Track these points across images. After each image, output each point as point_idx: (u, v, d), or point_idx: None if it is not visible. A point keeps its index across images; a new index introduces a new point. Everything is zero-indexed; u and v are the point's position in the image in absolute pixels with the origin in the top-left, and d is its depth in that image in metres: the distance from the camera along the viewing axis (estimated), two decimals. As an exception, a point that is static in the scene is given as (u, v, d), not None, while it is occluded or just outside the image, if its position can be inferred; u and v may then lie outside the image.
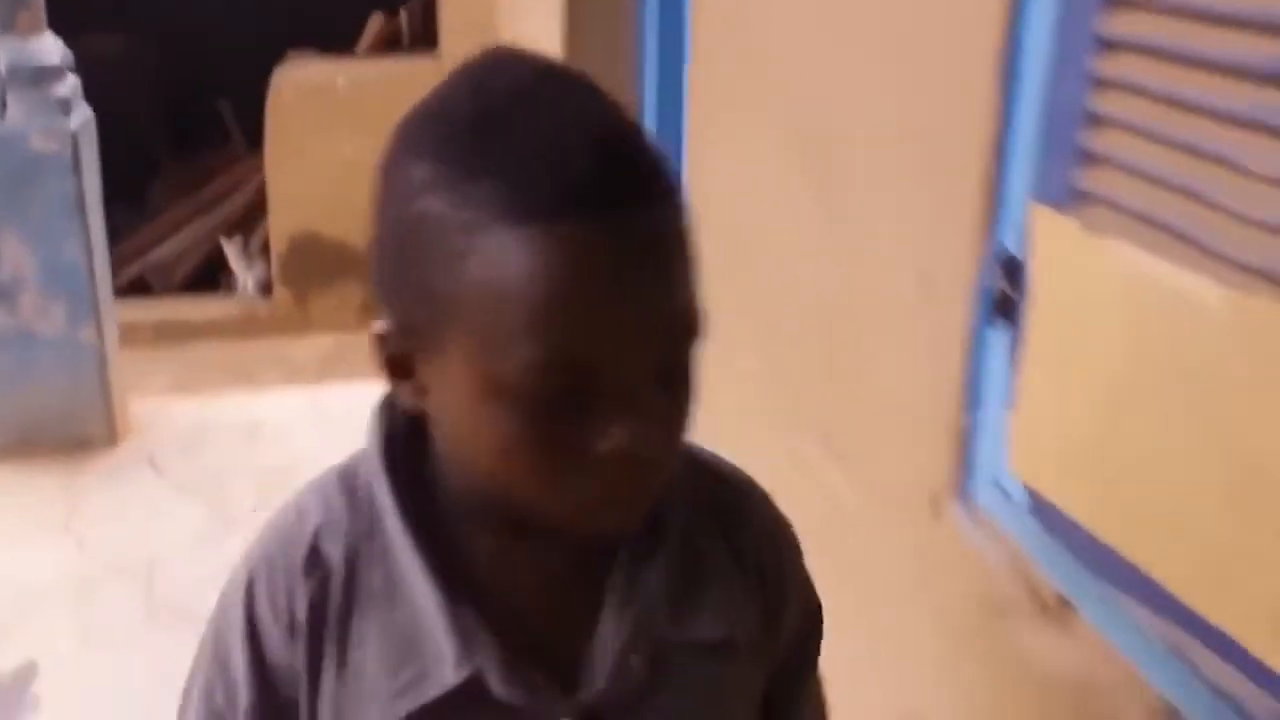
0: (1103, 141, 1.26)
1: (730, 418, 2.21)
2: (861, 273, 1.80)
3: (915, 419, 1.63)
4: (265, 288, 5.81)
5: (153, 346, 5.34)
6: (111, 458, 4.07)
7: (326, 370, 5.14)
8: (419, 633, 0.91)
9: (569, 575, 0.94)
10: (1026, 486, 1.40)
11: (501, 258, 0.77)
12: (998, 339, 1.46)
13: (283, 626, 0.92)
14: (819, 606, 1.07)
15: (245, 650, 0.93)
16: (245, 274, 5.69)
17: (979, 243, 1.46)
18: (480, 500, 0.89)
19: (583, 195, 0.76)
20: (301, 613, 0.92)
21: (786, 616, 1.03)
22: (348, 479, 0.95)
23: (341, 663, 0.92)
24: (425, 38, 5.54)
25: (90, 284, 3.95)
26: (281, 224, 5.60)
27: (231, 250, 5.69)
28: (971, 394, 1.51)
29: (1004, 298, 1.42)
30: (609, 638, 0.93)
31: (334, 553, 0.93)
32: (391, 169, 0.84)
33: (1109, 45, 1.25)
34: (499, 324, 0.78)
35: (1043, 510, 1.38)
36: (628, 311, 0.78)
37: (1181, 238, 1.14)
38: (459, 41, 5.26)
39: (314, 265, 5.69)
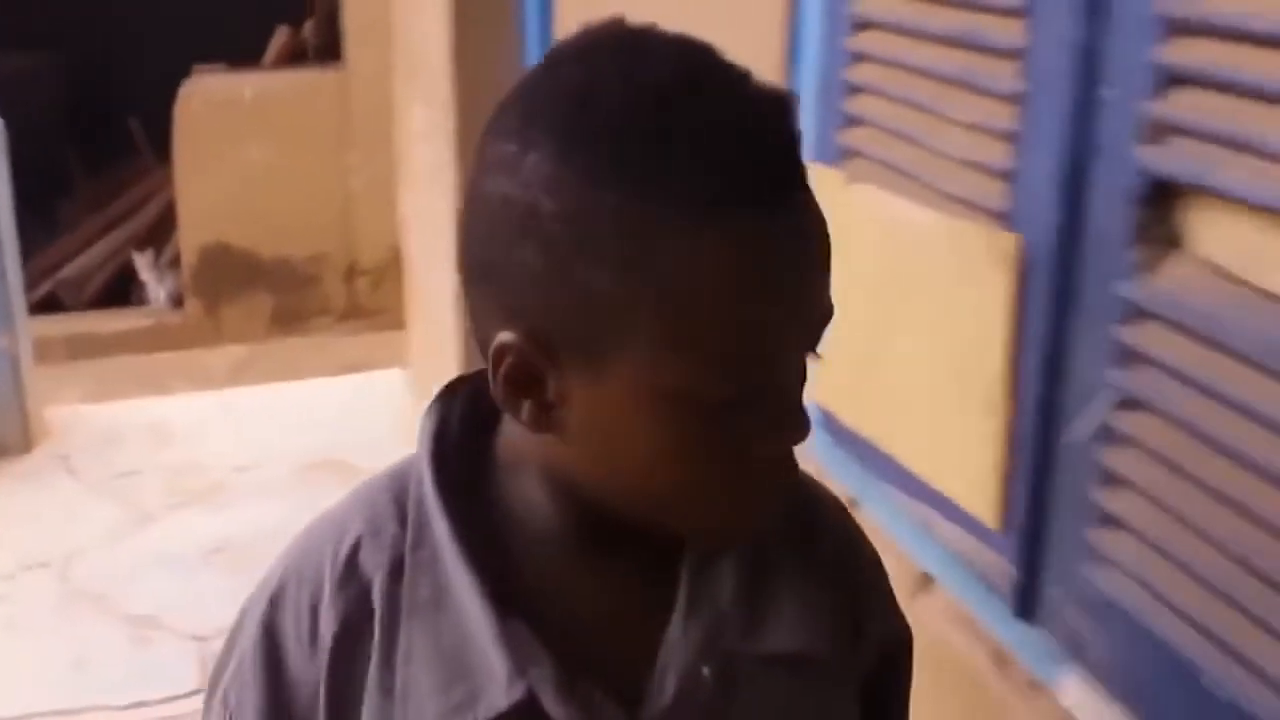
0: (857, 106, 1.51)
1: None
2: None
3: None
4: (176, 299, 5.93)
5: (67, 360, 5.46)
6: (27, 462, 4.20)
7: (237, 378, 5.27)
8: (469, 648, 0.85)
9: (631, 585, 0.88)
10: (818, 404, 1.64)
11: (693, 256, 0.72)
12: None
13: (304, 642, 0.88)
14: (907, 631, 1.01)
15: (259, 661, 0.89)
16: (156, 286, 5.82)
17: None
18: (594, 516, 0.84)
19: (772, 186, 0.73)
20: (329, 629, 0.87)
21: (869, 634, 0.96)
22: (397, 485, 0.90)
23: (387, 681, 0.87)
24: (330, 49, 5.72)
25: (3, 294, 4.08)
26: (191, 236, 5.73)
27: (142, 263, 5.81)
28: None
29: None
30: (676, 648, 0.87)
31: (375, 566, 0.88)
32: (528, 164, 0.75)
33: (861, 25, 1.49)
34: (691, 325, 0.74)
35: (830, 423, 1.62)
36: (811, 304, 0.76)
37: (911, 178, 1.38)
38: (362, 52, 5.45)
39: (224, 276, 5.82)
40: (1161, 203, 1.09)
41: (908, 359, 1.42)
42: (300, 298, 6.00)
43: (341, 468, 4.01)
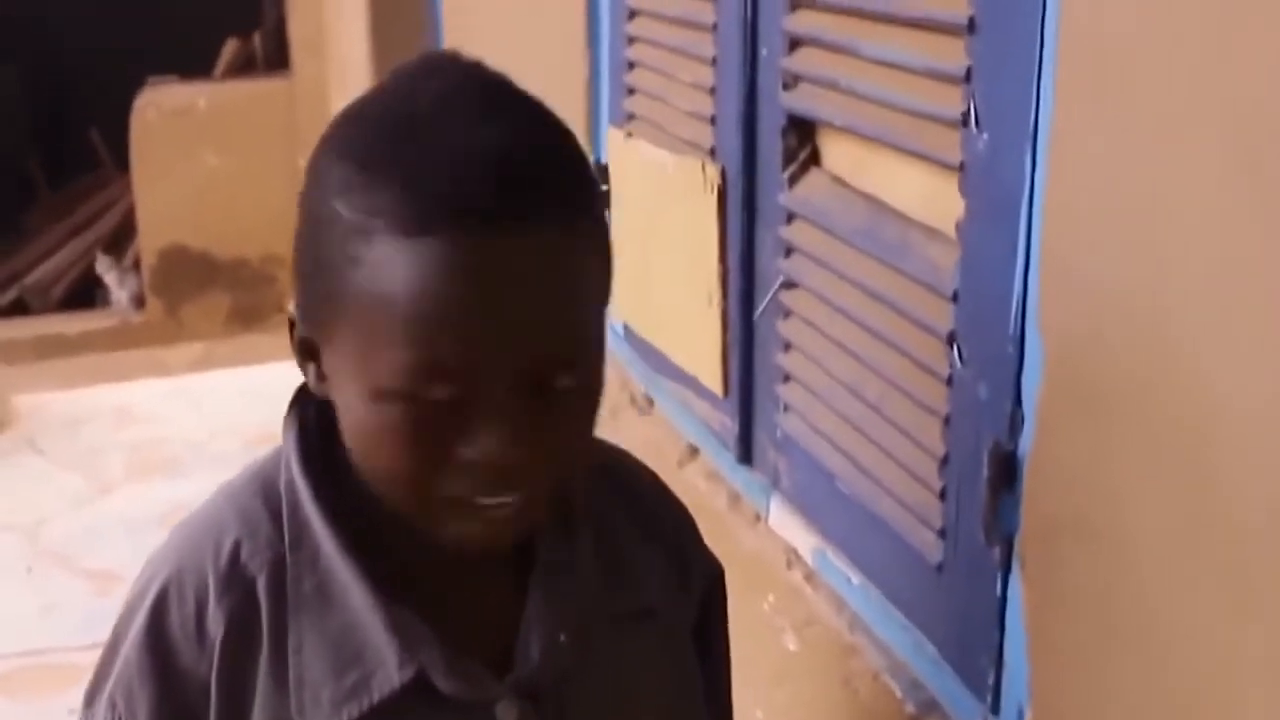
0: (633, 78, 1.90)
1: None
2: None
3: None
4: (138, 300, 6.22)
5: (34, 360, 5.81)
6: (-3, 444, 4.53)
7: (197, 371, 5.62)
8: (357, 636, 0.90)
9: (493, 564, 0.95)
10: (621, 319, 2.02)
11: (385, 266, 0.79)
12: (600, 223, 2.09)
13: (192, 641, 0.91)
14: (718, 565, 1.11)
15: (147, 663, 0.91)
16: (119, 289, 6.11)
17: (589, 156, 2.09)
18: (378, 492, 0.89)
19: (465, 211, 0.78)
20: (217, 628, 0.90)
21: (694, 579, 1.06)
22: (266, 484, 0.94)
23: (280, 675, 0.91)
24: (278, 59, 6.05)
25: (-31, 296, 4.42)
26: (151, 240, 6.01)
27: (105, 267, 6.12)
28: (591, 266, 2.14)
29: (603, 193, 2.04)
30: (537, 619, 0.94)
31: (257, 567, 0.91)
32: (314, 163, 0.85)
33: (632, 13, 1.88)
34: (378, 328, 0.80)
35: (631, 336, 2.00)
36: (495, 326, 0.80)
37: (660, 129, 1.77)
38: (308, 62, 5.80)
39: (183, 277, 6.11)
40: (802, 133, 1.48)
41: (666, 272, 1.81)
42: (256, 295, 6.29)
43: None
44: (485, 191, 0.79)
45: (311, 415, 0.93)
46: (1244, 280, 0.83)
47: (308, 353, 0.89)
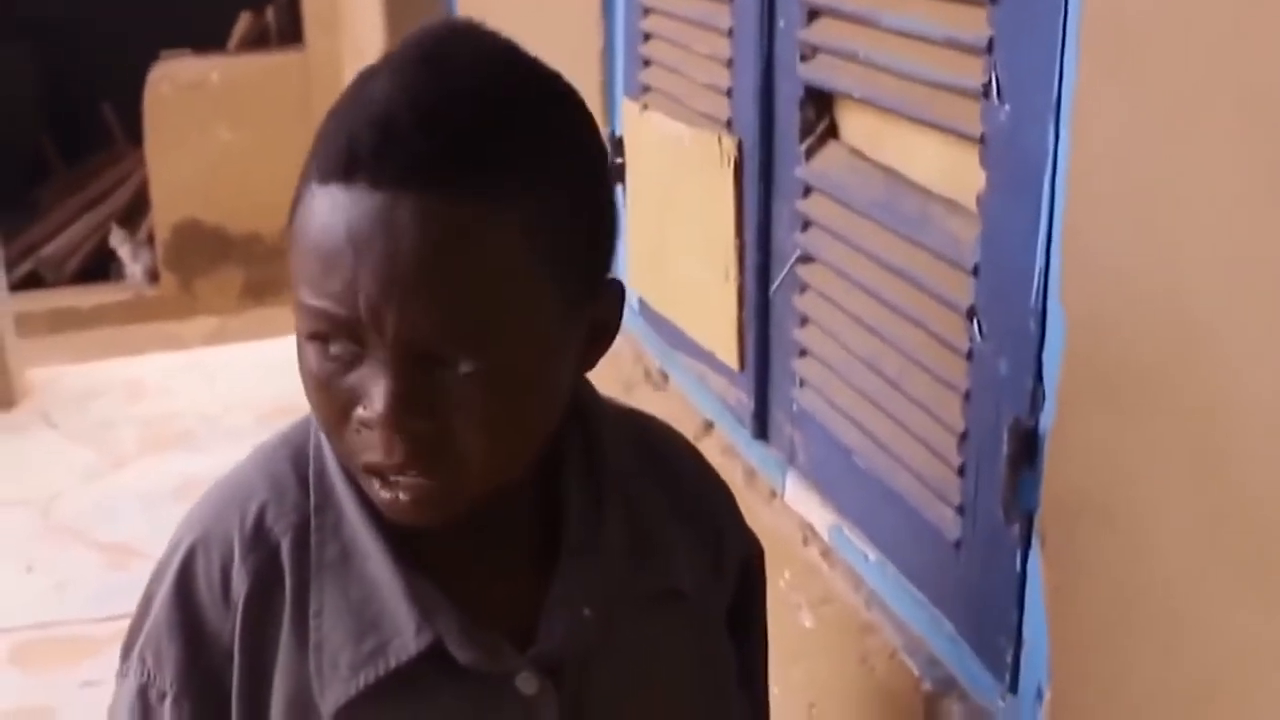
0: (648, 49, 1.88)
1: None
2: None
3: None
4: (152, 275, 6.23)
5: (49, 333, 5.82)
6: (9, 418, 4.54)
7: (210, 345, 5.63)
8: (377, 603, 0.91)
9: (519, 538, 0.96)
10: (635, 292, 2.01)
11: (302, 210, 0.82)
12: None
13: (218, 602, 0.92)
14: (758, 544, 1.11)
15: (175, 621, 0.93)
16: (133, 263, 6.13)
17: (602, 130, 2.07)
18: None
19: (357, 166, 0.79)
20: (240, 588, 0.92)
21: (730, 560, 1.06)
22: (295, 449, 0.96)
23: (301, 637, 0.92)
24: (291, 33, 6.04)
25: (-16, 269, 4.43)
26: (164, 214, 6.03)
27: (118, 241, 6.13)
28: (606, 240, 2.12)
29: (617, 166, 2.03)
30: (562, 595, 0.94)
31: (282, 530, 0.93)
32: None
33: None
34: (295, 267, 0.83)
35: (646, 310, 1.99)
36: (375, 281, 0.79)
37: (676, 101, 1.76)
38: (322, 36, 5.79)
39: (197, 251, 6.13)
40: (820, 105, 1.46)
41: (682, 246, 1.79)
42: (269, 270, 6.30)
43: (300, 413, 4.37)
44: (371, 148, 0.79)
45: None
46: (1265, 259, 0.81)
47: None
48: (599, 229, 0.89)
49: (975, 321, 1.15)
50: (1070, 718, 1.06)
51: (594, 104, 2.07)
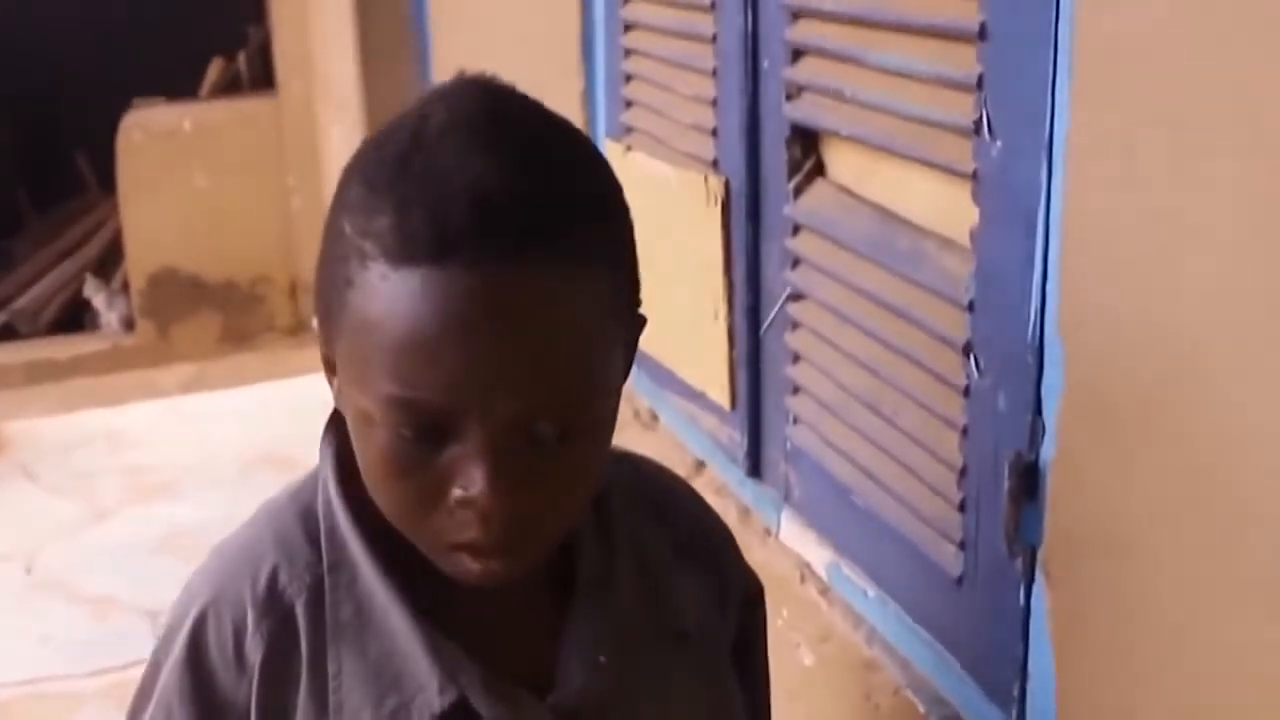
0: (630, 91, 1.88)
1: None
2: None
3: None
4: (128, 323, 6.20)
5: (25, 385, 5.78)
6: (-11, 472, 4.50)
7: (189, 393, 5.60)
8: (397, 662, 0.89)
9: (531, 583, 0.93)
10: (622, 336, 2.01)
11: (373, 293, 0.77)
12: (599, 238, 2.07)
13: (231, 668, 0.90)
14: (758, 582, 1.10)
15: (187, 688, 0.91)
16: (108, 311, 6.09)
17: (583, 172, 2.08)
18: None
19: (453, 245, 0.75)
20: (255, 654, 0.90)
21: (732, 599, 1.05)
22: (303, 506, 0.93)
23: (320, 699, 0.90)
24: (264, 79, 6.04)
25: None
26: (139, 262, 6.00)
27: (93, 290, 6.10)
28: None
29: (599, 208, 2.03)
30: (577, 640, 0.93)
31: (296, 591, 0.91)
32: (340, 181, 0.84)
33: (629, 26, 1.87)
34: (368, 355, 0.79)
35: (632, 351, 1.98)
36: (483, 366, 0.77)
37: (660, 142, 1.76)
38: (295, 81, 5.80)
39: (173, 298, 6.10)
40: (807, 143, 1.47)
41: (669, 287, 1.79)
42: (246, 316, 6.27)
43: (285, 461, 4.34)
44: (467, 226, 0.76)
45: (346, 434, 0.89)
46: (1263, 288, 0.82)
47: (330, 366, 0.88)
48: (637, 268, 0.90)
49: (972, 357, 1.16)
50: (1081, 752, 1.06)
51: (576, 145, 2.08)
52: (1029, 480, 1.09)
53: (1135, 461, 0.95)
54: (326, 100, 4.39)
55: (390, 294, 0.77)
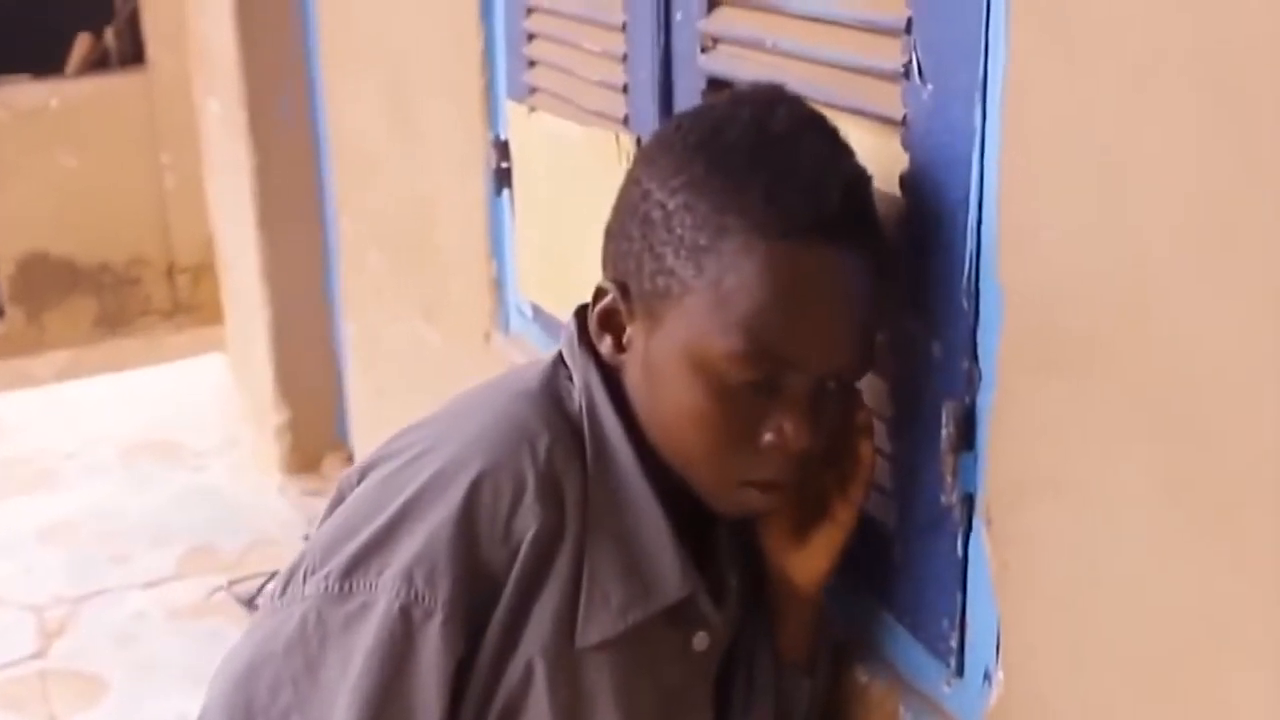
0: (533, 50, 1.84)
1: (368, 305, 2.75)
2: (430, 176, 2.36)
3: (469, 278, 2.19)
4: (-3, 310, 5.97)
5: (-108, 379, 5.54)
6: None
7: (64, 380, 5.42)
8: (644, 549, 1.01)
9: (684, 505, 1.06)
10: (530, 302, 1.97)
11: (740, 260, 0.93)
12: (503, 202, 2.02)
13: (498, 532, 0.96)
14: None
15: (456, 547, 0.95)
16: (-24, 299, 5.86)
17: (484, 134, 2.02)
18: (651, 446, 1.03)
19: (823, 225, 0.94)
20: (528, 526, 0.97)
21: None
22: (555, 403, 1.03)
23: (573, 576, 0.99)
24: (133, 54, 5.85)
25: None
26: (7, 246, 5.80)
27: (-41, 277, 5.86)
28: (495, 248, 2.07)
29: (502, 170, 1.98)
30: (727, 563, 1.11)
31: (572, 474, 1.00)
32: (654, 160, 1.01)
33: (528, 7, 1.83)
34: (726, 313, 0.94)
35: (540, 315, 1.94)
36: (824, 325, 0.96)
37: (567, 101, 1.72)
38: (164, 56, 5.61)
39: (45, 284, 5.90)
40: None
41: (577, 250, 1.75)
42: (123, 300, 6.10)
43: (166, 447, 4.22)
44: (837, 210, 0.94)
45: (600, 359, 1.05)
46: (1217, 225, 0.81)
47: (607, 323, 1.03)
48: None
49: (904, 305, 1.14)
50: (1025, 696, 1.05)
51: (475, 108, 2.03)
52: (967, 428, 1.07)
53: (1081, 404, 0.94)
54: (203, 73, 4.25)
55: (760, 262, 0.93)
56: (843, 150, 1.01)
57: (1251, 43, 0.76)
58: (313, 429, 3.62)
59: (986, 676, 1.10)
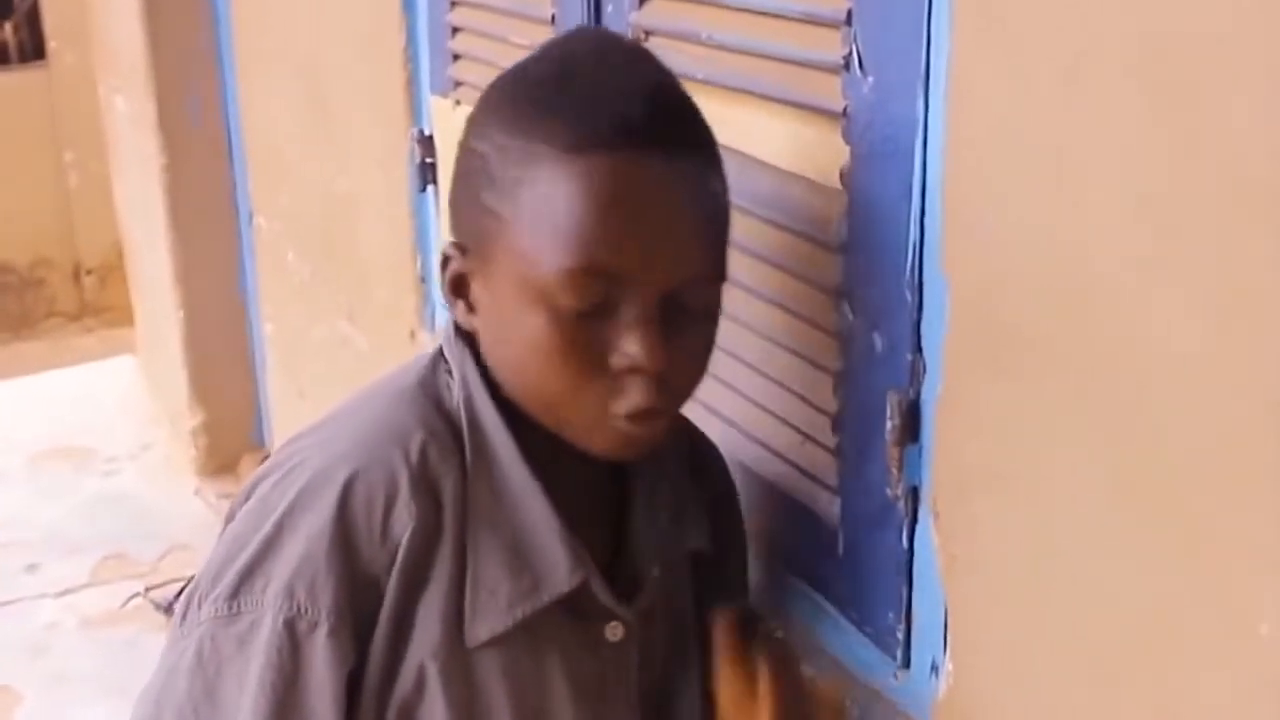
0: (457, 44, 1.81)
1: (287, 305, 2.69)
2: (350, 173, 2.32)
3: (394, 276, 2.15)
4: (-106, 313, 5.80)
5: None
6: None
7: (-22, 382, 5.27)
8: (531, 542, 0.98)
9: (596, 492, 1.06)
10: (457, 300, 1.94)
11: (552, 182, 0.91)
12: (428, 198, 1.99)
13: (375, 534, 0.95)
14: (742, 516, 1.27)
15: (335, 554, 0.94)
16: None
17: (407, 129, 1.99)
18: (523, 411, 0.99)
19: (627, 132, 0.91)
20: (404, 526, 0.95)
21: (729, 533, 1.22)
22: (433, 397, 1.01)
23: (457, 576, 0.98)
24: (33, 50, 5.70)
25: None
26: (-96, 248, 5.63)
27: None
28: (420, 244, 2.04)
29: (427, 165, 1.95)
30: (642, 552, 1.07)
31: (447, 470, 0.98)
32: (476, 115, 1.00)
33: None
34: (544, 236, 0.91)
35: (468, 315, 1.92)
36: (649, 233, 0.91)
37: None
38: (65, 51, 5.48)
39: (-57, 286, 5.74)
40: (656, 91, 1.42)
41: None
42: (27, 302, 5.96)
43: (76, 452, 4.12)
44: (640, 117, 0.92)
45: (475, 347, 1.01)
46: (1161, 212, 0.81)
47: (458, 289, 1.00)
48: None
49: (845, 299, 1.14)
50: (973, 688, 1.05)
51: (398, 103, 2.00)
52: (911, 421, 1.07)
53: (1028, 394, 0.94)
54: (108, 68, 4.14)
55: (570, 179, 0.91)
56: (645, 60, 1.00)
57: (1192, 33, 0.77)
58: (229, 431, 3.56)
59: (934, 668, 1.10)
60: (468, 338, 1.02)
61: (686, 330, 0.95)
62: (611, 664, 1.06)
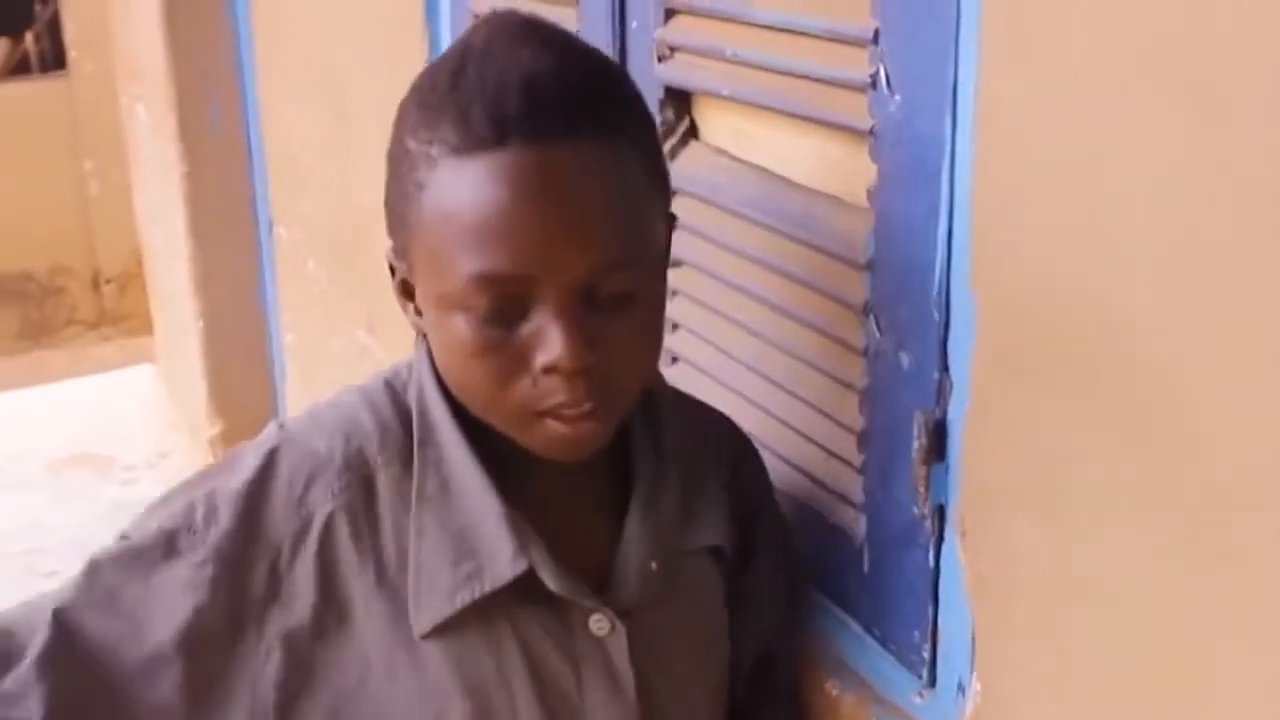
0: (481, 56, 1.82)
1: (307, 315, 2.70)
2: (371, 185, 2.32)
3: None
4: (-85, 321, 5.83)
5: None
6: None
7: (-14, 393, 5.29)
8: (474, 532, 0.98)
9: (593, 490, 1.06)
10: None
11: (443, 187, 0.89)
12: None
13: (292, 498, 0.97)
14: (783, 514, 1.24)
15: (244, 500, 0.97)
16: (-108, 309, 5.72)
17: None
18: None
19: (503, 129, 0.87)
20: (315, 504, 0.97)
21: (758, 522, 1.18)
22: (395, 396, 1.03)
23: (399, 563, 0.98)
24: (53, 60, 5.73)
25: None
26: (-75, 256, 5.66)
27: (-125, 287, 5.71)
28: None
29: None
30: (633, 547, 1.04)
31: (382, 463, 0.99)
32: (399, 115, 0.96)
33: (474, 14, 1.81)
34: (445, 244, 0.89)
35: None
36: (541, 231, 0.88)
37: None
38: (88, 59, 5.51)
39: (-36, 294, 5.77)
40: (680, 106, 1.43)
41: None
42: (46, 310, 5.99)
43: (95, 460, 4.14)
44: (515, 112, 0.88)
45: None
46: (1193, 229, 0.81)
47: (407, 292, 1.00)
48: (664, 158, 1.03)
49: (872, 317, 1.13)
50: (1001, 709, 1.05)
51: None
52: (938, 438, 1.07)
53: (1057, 414, 0.94)
54: (129, 77, 4.16)
55: (459, 183, 0.88)
56: (533, 45, 0.92)
57: (1224, 46, 0.77)
58: (247, 440, 3.56)
59: (960, 688, 1.10)
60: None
61: (615, 320, 0.92)
62: (591, 659, 1.03)
